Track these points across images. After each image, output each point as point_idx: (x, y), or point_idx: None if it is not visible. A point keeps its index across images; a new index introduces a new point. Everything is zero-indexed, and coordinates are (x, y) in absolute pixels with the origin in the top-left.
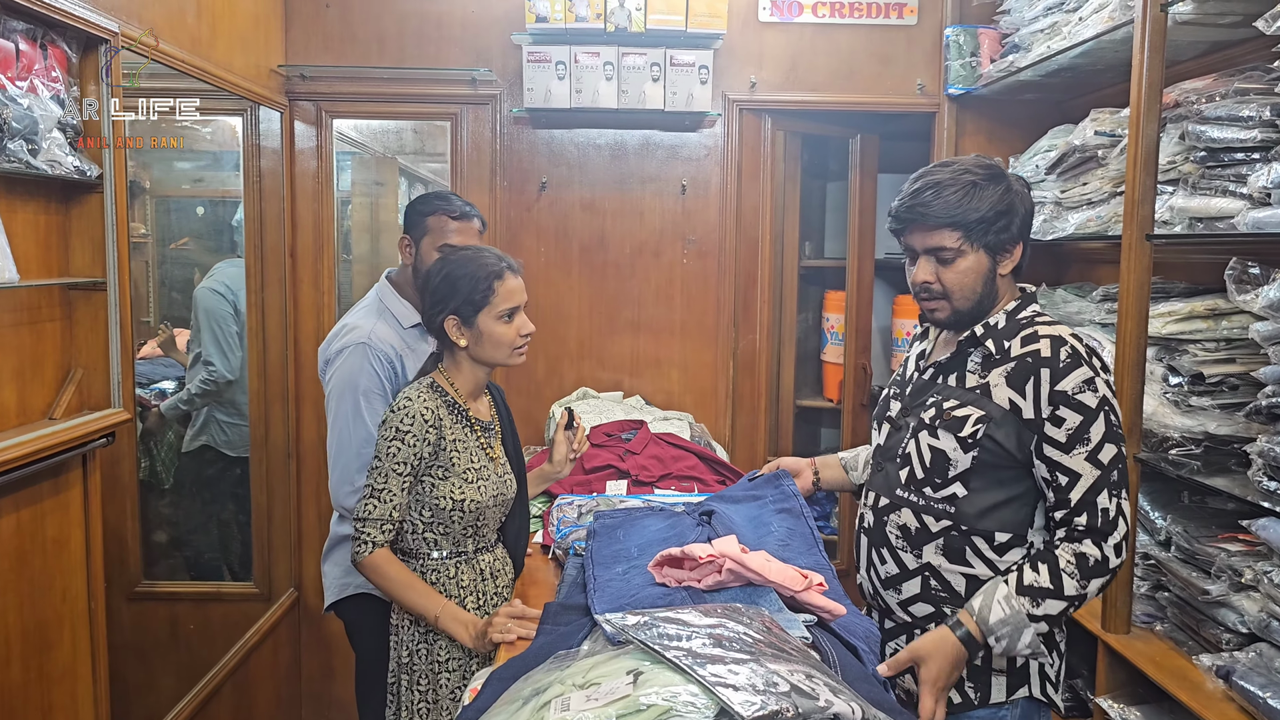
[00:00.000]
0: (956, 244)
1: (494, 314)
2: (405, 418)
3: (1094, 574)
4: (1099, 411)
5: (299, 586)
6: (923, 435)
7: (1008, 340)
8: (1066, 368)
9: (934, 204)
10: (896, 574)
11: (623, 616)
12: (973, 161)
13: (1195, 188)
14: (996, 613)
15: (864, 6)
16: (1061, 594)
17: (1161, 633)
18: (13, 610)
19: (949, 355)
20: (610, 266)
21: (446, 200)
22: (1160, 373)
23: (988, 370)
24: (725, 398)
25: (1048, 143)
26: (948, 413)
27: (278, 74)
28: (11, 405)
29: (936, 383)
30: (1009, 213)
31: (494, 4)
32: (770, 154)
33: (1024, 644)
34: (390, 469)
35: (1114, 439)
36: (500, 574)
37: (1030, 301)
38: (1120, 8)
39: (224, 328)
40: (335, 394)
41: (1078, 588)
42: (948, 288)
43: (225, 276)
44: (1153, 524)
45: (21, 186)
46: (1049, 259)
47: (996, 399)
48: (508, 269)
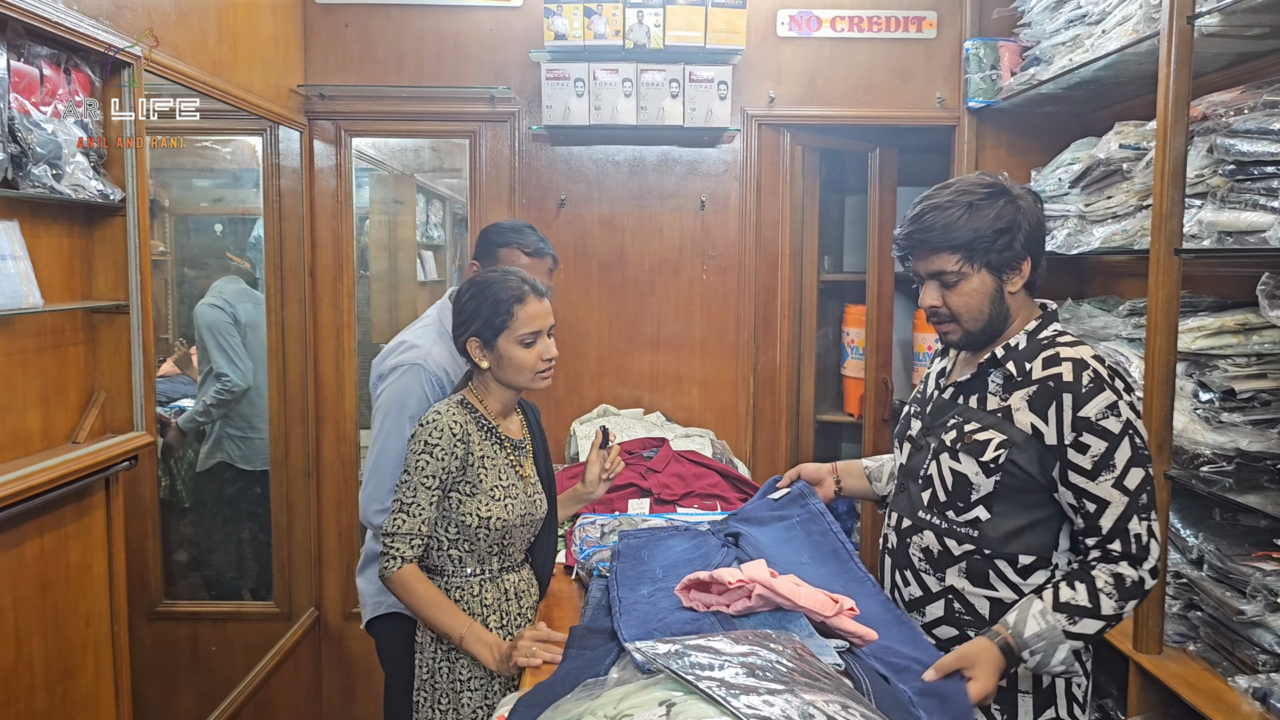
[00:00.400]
0: (957, 266)
1: (513, 338)
2: (433, 431)
3: (1130, 595)
4: (1123, 436)
5: (319, 606)
6: (944, 458)
7: (1029, 361)
8: (1089, 393)
9: (933, 227)
10: (920, 596)
11: (652, 645)
12: (974, 180)
13: (1224, 201)
14: (1032, 626)
15: (882, 21)
16: (1099, 613)
17: (1194, 653)
18: (36, 636)
19: (970, 376)
20: (630, 283)
21: (521, 234)
22: (1190, 389)
23: (1009, 393)
24: (746, 413)
25: (1070, 156)
26: (969, 435)
27: (297, 93)
28: (35, 429)
29: (957, 403)
30: (1010, 229)
31: (512, 22)
32: (789, 169)
33: (1058, 660)
34: (419, 483)
35: (1140, 462)
36: (525, 594)
37: (1051, 320)
38: (1144, 20)
39: (228, 338)
40: (382, 411)
41: (1115, 608)
42: (954, 311)
43: (222, 292)
44: (1184, 542)
45: (45, 211)
46: (1070, 272)
47: (1018, 423)
48: (531, 293)
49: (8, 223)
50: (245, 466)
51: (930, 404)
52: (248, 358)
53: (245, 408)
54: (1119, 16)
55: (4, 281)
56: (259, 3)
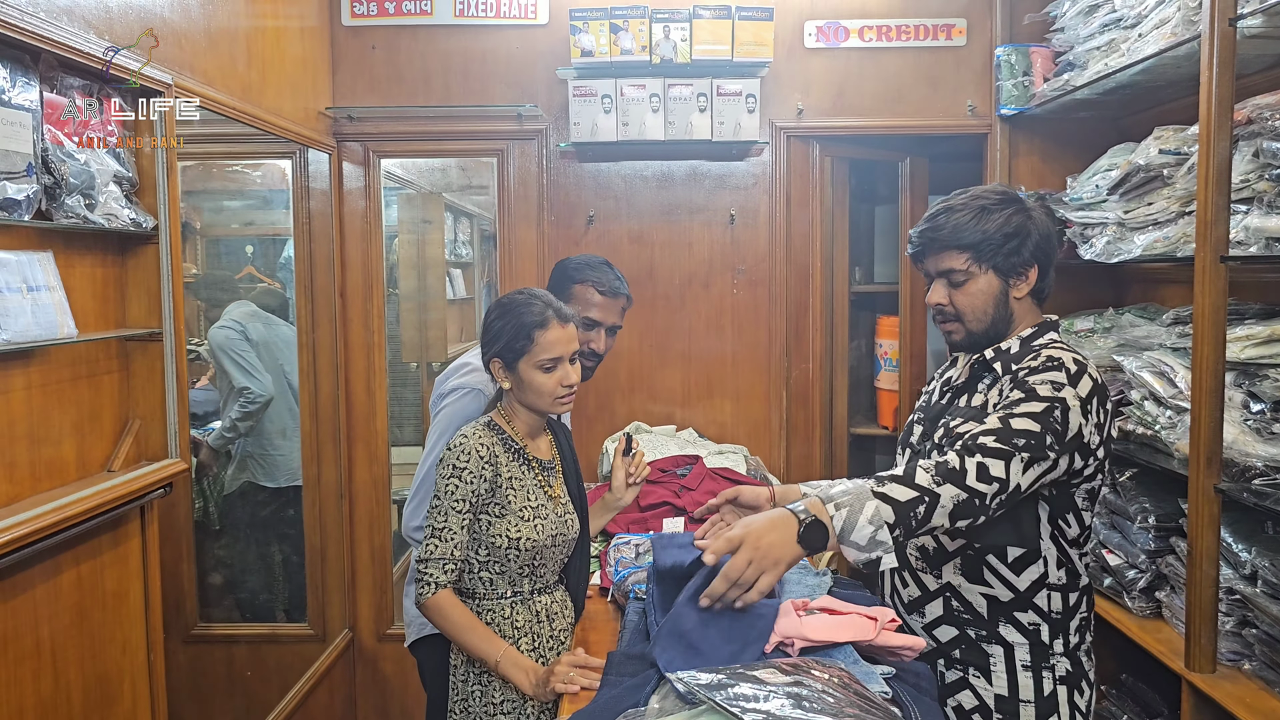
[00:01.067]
0: (965, 265)
1: (533, 363)
2: (461, 455)
3: (950, 478)
4: (1044, 401)
5: (353, 627)
6: (935, 457)
7: (1015, 364)
8: (1043, 369)
9: (945, 226)
10: (919, 596)
11: (694, 675)
12: (989, 189)
13: (1271, 206)
14: (839, 487)
15: (911, 29)
16: (911, 481)
17: (1250, 671)
18: (74, 665)
19: (964, 379)
20: (660, 298)
21: (598, 271)
22: (1240, 399)
23: (991, 390)
24: (779, 428)
25: (1108, 162)
26: (953, 431)
27: (326, 116)
28: (71, 459)
29: (952, 406)
30: (1019, 235)
31: (538, 39)
32: (819, 180)
33: (867, 517)
34: (449, 507)
35: (1040, 420)
36: (559, 616)
37: (1049, 329)
38: (1183, 23)
39: (242, 354)
40: (437, 430)
41: (931, 481)
42: (959, 309)
43: (233, 314)
44: (1236, 557)
45: (79, 240)
46: (1109, 280)
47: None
48: (555, 318)
49: (42, 254)
50: (269, 484)
51: (931, 410)
52: (263, 368)
53: (265, 423)
54: (1156, 20)
55: (39, 312)
56: (287, 28)
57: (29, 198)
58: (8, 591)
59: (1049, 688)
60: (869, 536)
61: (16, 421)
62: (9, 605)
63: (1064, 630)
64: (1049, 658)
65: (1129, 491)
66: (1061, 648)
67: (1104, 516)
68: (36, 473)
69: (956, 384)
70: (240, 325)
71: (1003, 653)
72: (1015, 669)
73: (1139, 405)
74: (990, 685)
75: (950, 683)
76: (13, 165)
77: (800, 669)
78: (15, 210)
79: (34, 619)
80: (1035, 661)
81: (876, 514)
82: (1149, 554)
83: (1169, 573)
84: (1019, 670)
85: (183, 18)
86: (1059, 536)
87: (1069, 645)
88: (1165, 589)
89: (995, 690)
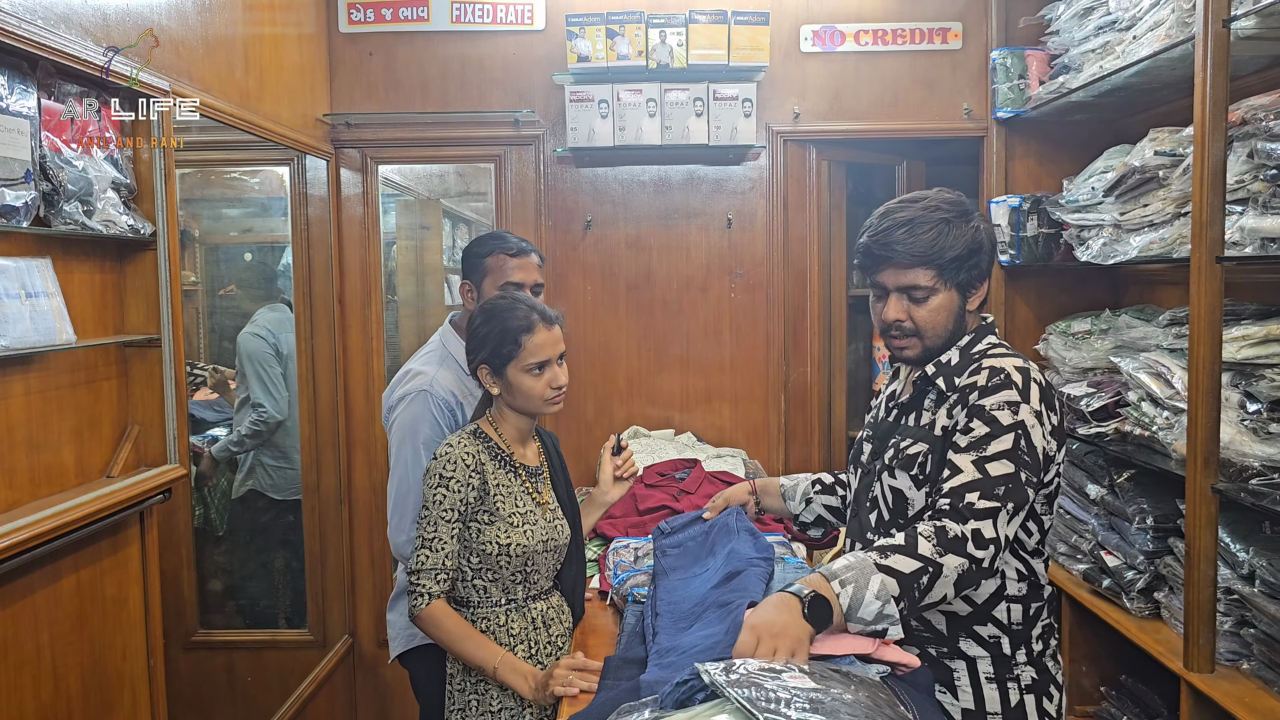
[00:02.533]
0: (930, 283)
1: (521, 367)
2: (447, 464)
3: (953, 548)
4: (1009, 431)
5: (353, 633)
6: (884, 476)
7: (958, 376)
8: (994, 388)
9: (908, 242)
10: None
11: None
12: (940, 198)
13: (1266, 207)
14: (840, 562)
15: (907, 33)
16: (914, 551)
17: (1248, 671)
18: (74, 671)
19: (909, 396)
20: (657, 303)
21: (502, 239)
22: (1236, 399)
23: (938, 407)
24: (778, 432)
25: (1103, 164)
26: (903, 451)
27: (323, 123)
28: (70, 465)
29: (900, 424)
30: (978, 251)
31: (535, 45)
32: (815, 184)
33: (873, 592)
34: (438, 517)
35: (1014, 460)
36: (555, 622)
37: (986, 333)
38: (1177, 25)
39: (268, 370)
40: (396, 442)
41: (933, 551)
42: (919, 325)
43: (266, 321)
44: (1234, 557)
45: (78, 247)
46: (1106, 282)
47: (936, 431)
48: (540, 322)
49: (40, 260)
50: (276, 495)
51: (879, 427)
52: (284, 389)
53: (281, 438)
54: (1150, 22)
55: (38, 319)
56: (285, 35)
57: (27, 204)
58: (7, 597)
59: (1015, 698)
60: (876, 612)
61: (16, 427)
62: (9, 611)
63: (1025, 640)
64: (1012, 668)
65: (1127, 492)
66: (1024, 657)
67: (1102, 518)
68: (36, 478)
69: (901, 400)
70: (274, 337)
71: (965, 666)
72: (980, 681)
73: (1136, 406)
74: (956, 700)
75: None
76: (11, 172)
77: (828, 678)
78: (13, 217)
79: (34, 625)
80: (999, 673)
81: (883, 588)
82: (1147, 555)
83: (1167, 573)
84: (983, 683)
85: (180, 25)
86: (1019, 549)
87: (1032, 654)
88: (1164, 589)
89: (962, 705)
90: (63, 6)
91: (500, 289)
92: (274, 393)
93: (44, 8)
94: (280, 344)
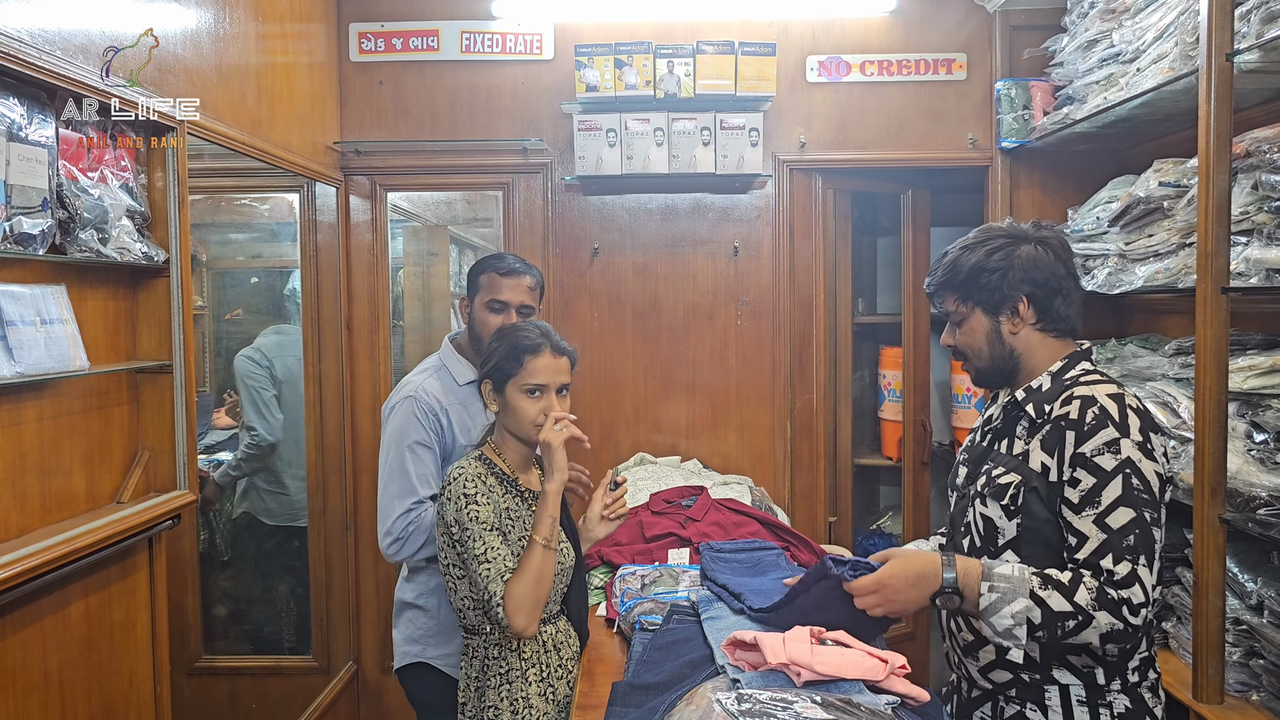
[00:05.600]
0: (956, 305)
1: (519, 386)
2: (465, 483)
3: (1107, 606)
4: (1116, 474)
5: (358, 659)
6: (976, 504)
7: (1049, 404)
8: (1091, 430)
9: (938, 273)
10: (973, 641)
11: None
12: (984, 227)
13: (1271, 238)
14: (1004, 569)
15: (912, 64)
16: (1071, 597)
17: (1258, 703)
18: (80, 698)
19: (1001, 422)
20: (664, 330)
21: (499, 259)
22: (1243, 429)
23: (1031, 436)
24: (783, 459)
25: (1108, 194)
26: (994, 480)
27: (333, 150)
28: (81, 490)
29: (992, 449)
30: (994, 270)
31: (543, 74)
32: (821, 212)
33: (1008, 611)
34: (480, 532)
35: (1131, 503)
36: (564, 645)
37: (1080, 360)
38: (1180, 58)
39: (260, 392)
40: (384, 446)
41: (1089, 603)
42: (960, 347)
43: (262, 343)
44: (1242, 587)
45: (92, 274)
46: (1111, 311)
47: (1032, 464)
48: (548, 347)
49: (55, 287)
50: (268, 521)
51: (974, 451)
52: (279, 411)
53: (277, 463)
54: (1154, 54)
55: (52, 345)
56: (296, 64)
57: (44, 232)
58: (17, 623)
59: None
60: (1006, 628)
61: (28, 453)
62: (18, 637)
63: (1120, 672)
64: (1105, 694)
65: None
66: (1119, 685)
67: None
68: (47, 504)
69: (995, 426)
70: (266, 360)
71: (1058, 690)
72: (1070, 704)
73: None
74: (1046, 719)
75: (1008, 717)
76: (29, 200)
77: (839, 709)
78: (31, 244)
79: (42, 651)
80: (1091, 698)
81: (1022, 612)
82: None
83: (1175, 603)
84: (1074, 705)
85: (195, 54)
86: None
87: (1126, 684)
88: (1172, 620)
89: None
90: (81, 38)
91: (486, 306)
92: (267, 415)
93: (62, 38)
94: (276, 367)
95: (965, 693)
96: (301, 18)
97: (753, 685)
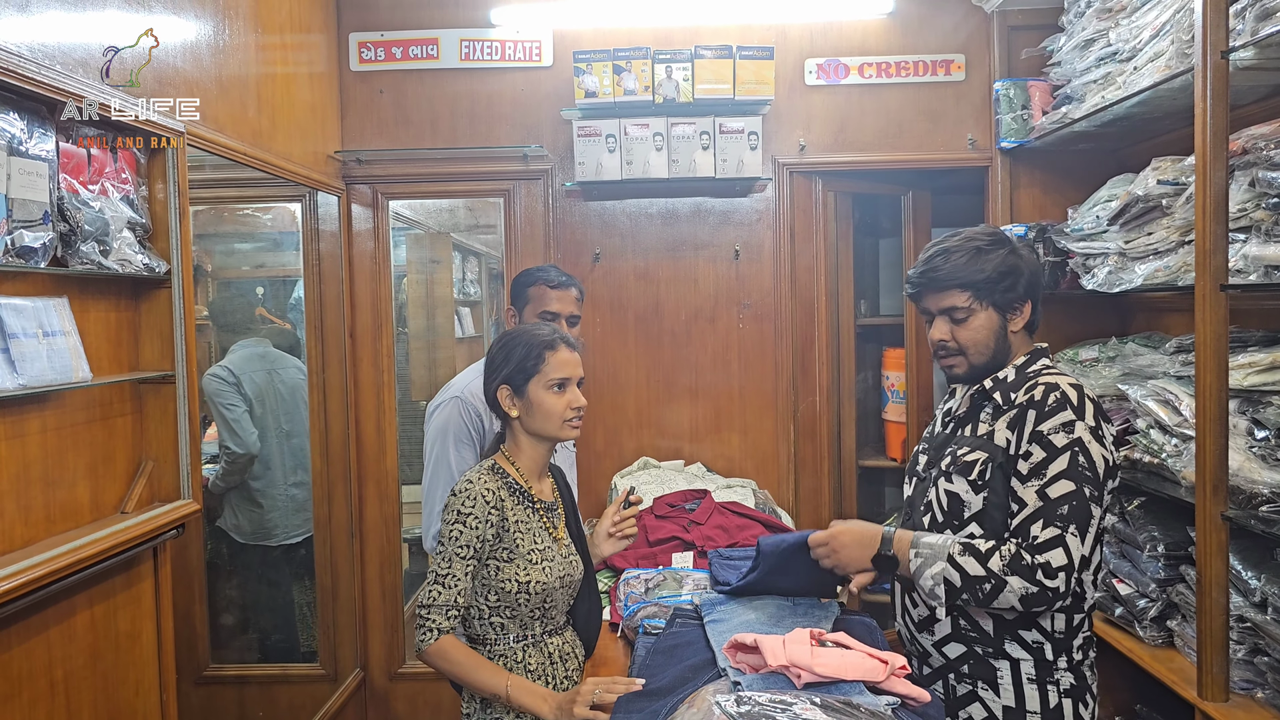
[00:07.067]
0: (966, 303)
1: (543, 383)
2: (466, 500)
3: (1019, 572)
4: (1065, 451)
5: (365, 667)
6: (940, 481)
7: (1014, 392)
8: (1050, 411)
9: (943, 268)
10: (927, 616)
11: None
12: (977, 230)
13: (1269, 235)
14: (930, 538)
15: (910, 65)
16: (985, 563)
17: (1263, 700)
18: (87, 707)
19: (965, 409)
20: (666, 334)
21: (545, 272)
22: (1244, 426)
23: (996, 419)
24: (787, 462)
25: (1107, 193)
26: (960, 458)
27: (335, 159)
28: (85, 501)
29: (956, 435)
30: (1013, 273)
31: (543, 81)
32: (822, 215)
33: (931, 573)
34: (453, 553)
35: (1073, 477)
36: (570, 657)
37: (1040, 356)
38: (1177, 56)
39: (229, 407)
40: (428, 444)
41: (1001, 569)
42: (962, 344)
43: (229, 359)
44: (1245, 584)
45: (93, 286)
46: (1112, 310)
47: (997, 440)
48: (562, 342)
49: (58, 299)
50: (238, 538)
51: (935, 440)
52: (252, 426)
53: (255, 480)
54: (1150, 53)
55: (54, 357)
56: (296, 74)
57: (45, 245)
58: (23, 634)
59: (1054, 700)
60: (929, 588)
61: (32, 464)
62: (25, 647)
63: (1066, 649)
64: (1053, 672)
65: (1138, 520)
66: (1065, 663)
67: (1114, 545)
68: (51, 515)
69: (958, 414)
70: (233, 376)
71: (1009, 666)
72: (1021, 681)
73: (1145, 434)
74: (998, 697)
75: (960, 696)
76: (30, 214)
77: (838, 710)
78: (32, 257)
79: (48, 661)
80: (1040, 675)
81: (940, 573)
82: (1159, 582)
83: (1179, 601)
84: (1025, 683)
85: (194, 66)
86: None
87: (1072, 661)
88: (1176, 617)
89: (1003, 702)
90: (81, 51)
91: (539, 316)
92: (237, 430)
93: (62, 52)
94: (243, 382)
95: (917, 670)
96: (301, 28)
97: (754, 687)
